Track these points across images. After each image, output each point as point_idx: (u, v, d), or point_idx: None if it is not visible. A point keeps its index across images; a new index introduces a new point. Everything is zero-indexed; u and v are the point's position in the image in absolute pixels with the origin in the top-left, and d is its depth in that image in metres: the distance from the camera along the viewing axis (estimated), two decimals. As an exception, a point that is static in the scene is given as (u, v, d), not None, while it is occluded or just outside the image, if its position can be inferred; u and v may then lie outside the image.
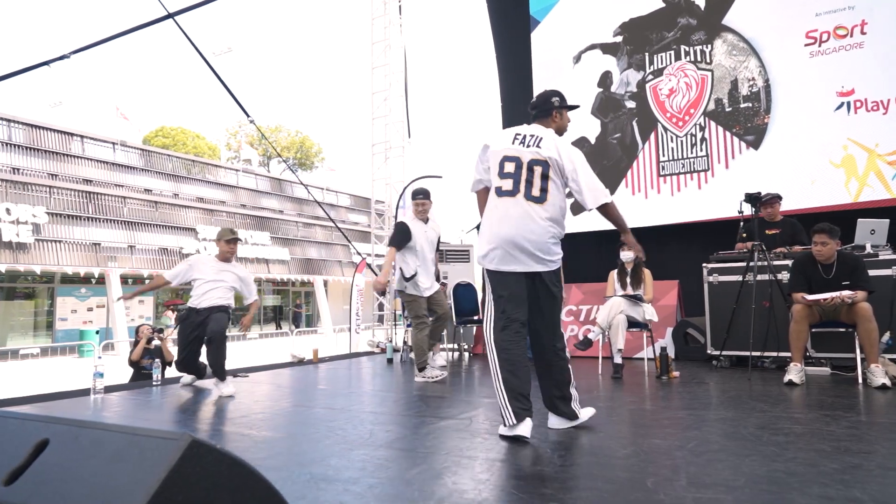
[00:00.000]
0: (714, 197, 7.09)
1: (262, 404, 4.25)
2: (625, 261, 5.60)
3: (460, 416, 3.58)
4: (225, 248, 5.13)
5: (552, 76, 8.45)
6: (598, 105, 8.05)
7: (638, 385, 4.78)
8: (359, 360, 7.54)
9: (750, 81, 7.02)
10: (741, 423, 3.20)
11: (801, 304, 4.57)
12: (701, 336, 6.10)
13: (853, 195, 6.36)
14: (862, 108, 6.39)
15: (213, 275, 5.02)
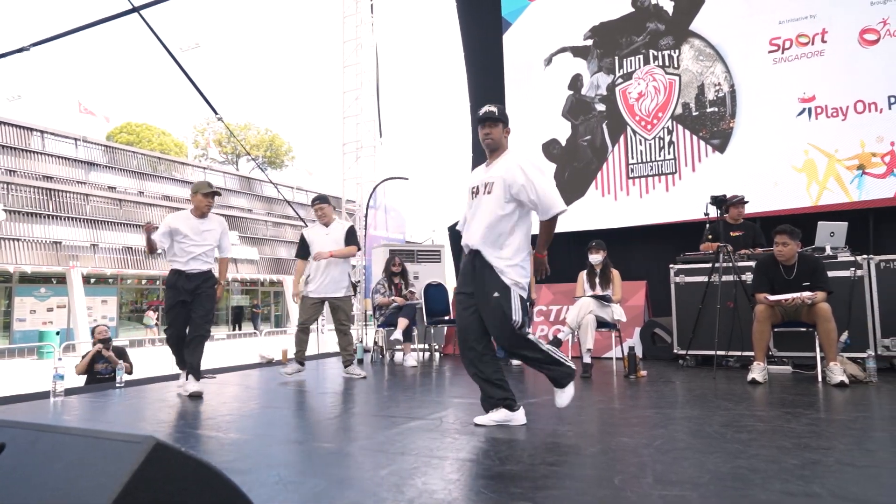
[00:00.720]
0: (681, 199, 7.22)
1: (229, 406, 4.19)
2: (593, 262, 5.67)
3: (430, 417, 3.57)
4: (202, 201, 4.85)
5: (524, 78, 8.51)
6: (568, 107, 8.13)
7: (607, 384, 4.83)
8: (329, 360, 7.48)
9: (716, 87, 7.17)
10: (706, 421, 3.26)
11: (764, 304, 4.68)
12: (668, 336, 6.20)
13: (814, 199, 6.54)
14: (822, 114, 6.57)
15: (194, 233, 4.80)
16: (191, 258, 4.76)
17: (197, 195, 4.87)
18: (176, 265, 4.78)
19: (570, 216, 7.96)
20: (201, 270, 4.80)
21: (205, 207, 4.88)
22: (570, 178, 8.03)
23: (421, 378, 5.50)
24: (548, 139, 8.23)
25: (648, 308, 6.89)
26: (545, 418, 3.50)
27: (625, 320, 5.59)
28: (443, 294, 7.60)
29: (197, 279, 4.77)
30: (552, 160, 8.18)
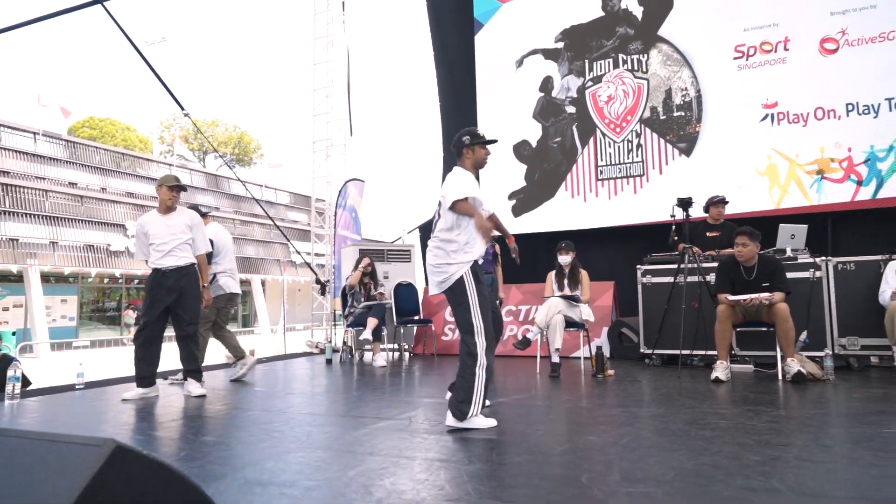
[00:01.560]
0: (649, 201, 7.34)
1: (195, 407, 4.11)
2: (562, 263, 5.72)
3: (399, 417, 3.56)
4: (167, 195, 4.71)
5: (495, 79, 8.55)
6: (539, 109, 8.19)
7: (575, 383, 4.88)
8: (297, 360, 7.41)
9: (683, 91, 7.30)
10: (671, 419, 3.32)
11: (725, 304, 4.78)
12: (635, 335, 6.28)
13: (775, 201, 6.71)
14: (784, 120, 6.75)
15: (161, 230, 4.66)
16: (163, 255, 4.63)
17: (162, 188, 4.73)
18: (153, 264, 4.66)
19: (539, 217, 8.03)
20: (178, 266, 4.63)
21: (169, 201, 4.72)
22: (540, 179, 8.09)
23: (390, 378, 5.48)
24: (519, 140, 8.28)
25: (616, 308, 6.98)
26: (514, 418, 3.52)
27: (593, 320, 5.64)
28: (413, 294, 7.59)
29: (175, 275, 4.61)
30: (523, 161, 8.23)
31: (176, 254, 4.65)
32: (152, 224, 4.71)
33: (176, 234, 4.69)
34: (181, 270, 4.64)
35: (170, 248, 4.64)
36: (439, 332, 7.57)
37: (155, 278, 4.61)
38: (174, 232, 4.69)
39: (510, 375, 5.68)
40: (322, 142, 10.07)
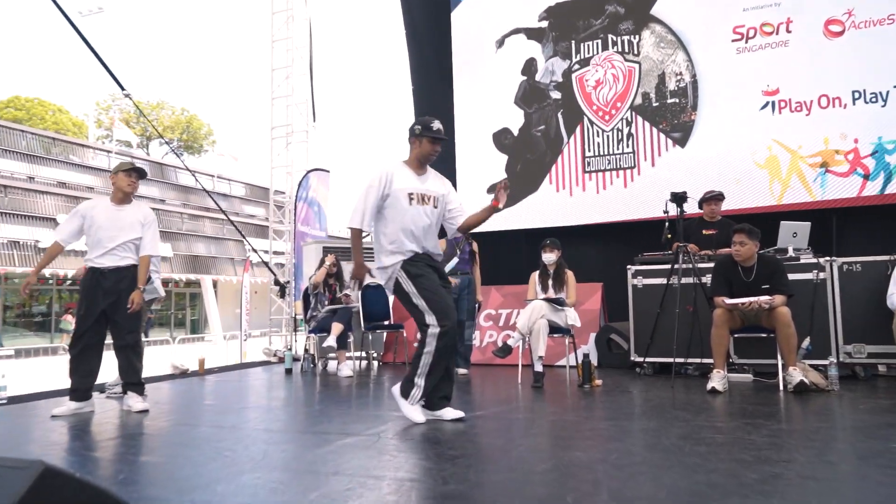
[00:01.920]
0: (640, 195, 7.41)
1: (136, 423, 4.04)
2: (547, 262, 5.74)
3: (367, 433, 3.54)
4: (124, 182, 4.56)
5: (472, 59, 8.55)
6: (521, 94, 8.22)
7: (559, 394, 4.90)
8: (253, 370, 7.33)
9: (677, 76, 7.38)
10: (664, 433, 3.34)
11: (722, 308, 4.85)
12: (625, 342, 6.33)
13: (777, 197, 6.83)
14: (786, 108, 6.87)
15: (109, 222, 4.51)
16: (104, 252, 4.48)
17: (119, 174, 4.59)
18: (89, 262, 4.51)
19: (521, 212, 8.05)
20: (119, 266, 4.50)
21: (127, 187, 4.57)
22: (522, 171, 8.12)
23: (357, 389, 5.45)
24: (499, 128, 8.29)
25: (604, 312, 7.03)
26: (493, 432, 3.52)
27: (579, 325, 5.68)
28: (382, 296, 7.55)
29: (114, 276, 4.47)
30: (503, 151, 8.25)
31: (118, 253, 4.52)
32: (101, 213, 4.54)
33: (125, 230, 4.55)
34: (121, 272, 4.51)
35: (114, 245, 4.50)
36: (411, 339, 7.54)
37: (92, 279, 4.48)
38: (123, 227, 4.55)
39: (489, 386, 5.68)
40: (281, 128, 9.98)
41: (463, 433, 3.48)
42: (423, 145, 3.82)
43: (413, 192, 3.78)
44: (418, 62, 9.40)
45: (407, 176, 3.81)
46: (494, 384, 5.75)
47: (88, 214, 4.54)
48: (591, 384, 5.14)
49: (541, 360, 5.27)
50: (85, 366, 4.47)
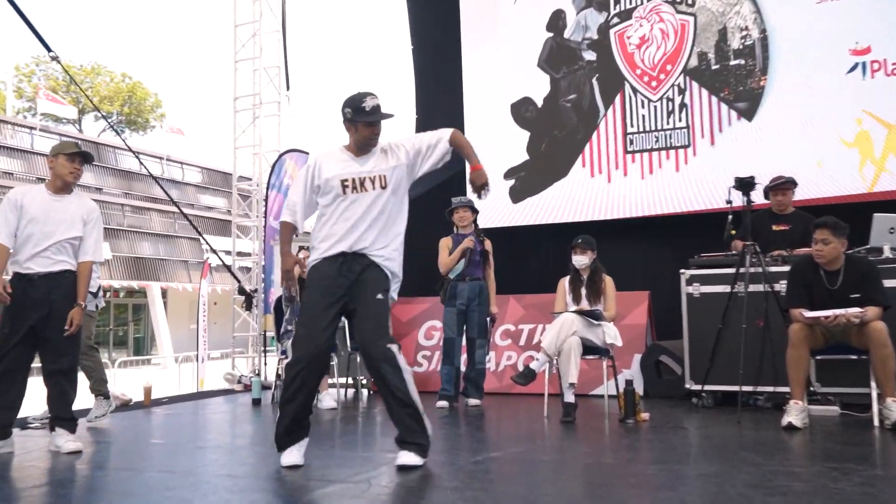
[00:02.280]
0: (696, 181, 7.38)
1: (64, 467, 4.04)
2: (578, 266, 5.71)
3: (354, 479, 3.53)
4: (65, 168, 4.53)
5: (483, 13, 8.53)
6: (546, 55, 8.19)
7: (595, 431, 4.87)
8: (212, 401, 7.32)
9: (743, 32, 7.35)
10: (728, 480, 3.31)
11: (801, 322, 4.81)
12: (677, 366, 6.30)
13: (868, 183, 6.78)
14: (880, 71, 6.82)
15: (45, 216, 4.46)
16: (35, 255, 4.42)
17: (59, 158, 4.55)
18: (15, 267, 4.45)
19: (547, 203, 8.03)
20: (52, 272, 4.45)
21: (69, 175, 4.56)
22: (548, 151, 8.10)
23: (342, 425, 5.44)
24: (518, 98, 8.27)
25: (652, 328, 7.01)
26: (512, 478, 3.50)
27: (620, 344, 5.65)
28: (373, 309, 7.54)
29: (45, 286, 4.42)
30: (524, 126, 8.24)
31: (51, 255, 4.46)
32: (35, 203, 4.49)
33: (62, 226, 4.50)
34: (54, 280, 4.46)
35: (48, 244, 4.45)
36: (410, 362, 7.49)
37: (18, 287, 4.40)
38: (61, 222, 4.50)
39: (507, 420, 5.66)
40: (247, 98, 9.97)
41: (475, 478, 3.47)
42: (360, 130, 3.93)
43: (348, 179, 3.90)
44: (420, 15, 9.39)
45: (340, 161, 3.96)
46: (514, 418, 5.72)
47: (19, 204, 4.47)
48: (635, 418, 5.10)
49: (572, 389, 5.24)
50: (5, 396, 4.43)
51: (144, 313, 30.91)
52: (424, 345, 7.59)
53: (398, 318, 7.81)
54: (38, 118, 32.30)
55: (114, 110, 40.14)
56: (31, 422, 5.46)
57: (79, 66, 39.57)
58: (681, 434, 4.68)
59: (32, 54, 38.81)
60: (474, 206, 6.39)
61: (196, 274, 29.37)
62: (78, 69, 38.92)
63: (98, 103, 37.54)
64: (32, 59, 38.49)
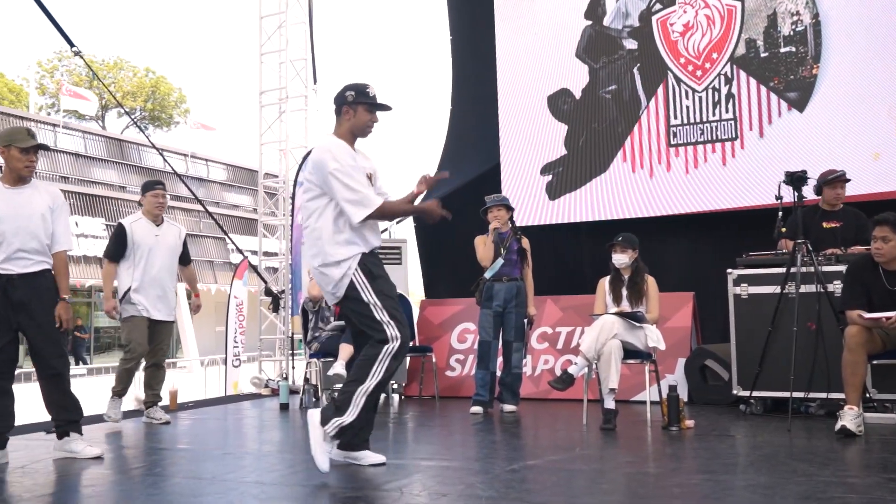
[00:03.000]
0: (744, 176, 7.31)
1: (91, 473, 4.12)
2: (618, 266, 5.69)
3: (386, 487, 3.56)
4: (19, 161, 4.38)
5: (519, 1, 8.51)
6: (585, 44, 8.17)
7: (637, 439, 4.86)
8: (239, 406, 7.41)
9: (793, 17, 7.27)
10: (778, 491, 3.29)
11: (858, 325, 4.76)
12: (724, 371, 6.26)
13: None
14: (942, 57, 6.70)
15: (12, 211, 4.35)
16: (8, 256, 4.32)
17: (10, 149, 4.38)
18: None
19: (586, 200, 8.01)
20: (29, 273, 4.37)
21: (23, 169, 4.41)
22: (587, 145, 8.07)
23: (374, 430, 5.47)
24: (555, 90, 8.25)
25: (697, 331, 6.97)
26: (550, 488, 3.51)
27: (663, 348, 5.63)
28: (404, 309, 7.57)
29: (24, 286, 4.35)
30: (561, 119, 8.22)
31: (27, 255, 4.38)
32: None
33: (30, 221, 4.40)
34: (33, 280, 4.40)
35: (20, 243, 4.35)
36: (442, 366, 7.56)
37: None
38: (27, 215, 4.39)
39: (544, 427, 5.66)
40: (273, 92, 10.06)
41: (511, 488, 3.48)
42: (359, 115, 4.00)
43: (370, 173, 3.99)
44: (458, 4, 9.42)
45: (353, 153, 4.00)
46: (551, 425, 5.71)
47: None
48: (679, 426, 5.08)
49: (613, 394, 5.23)
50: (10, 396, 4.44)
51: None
52: (457, 348, 7.60)
53: (430, 321, 7.85)
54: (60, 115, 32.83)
55: (137, 106, 40.68)
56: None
57: (101, 60, 40.17)
58: (728, 442, 4.65)
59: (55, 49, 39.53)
60: (509, 203, 6.40)
61: (222, 274, 29.69)
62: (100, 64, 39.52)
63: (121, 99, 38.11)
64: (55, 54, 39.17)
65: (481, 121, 8.93)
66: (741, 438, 4.80)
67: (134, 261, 5.90)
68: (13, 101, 36.31)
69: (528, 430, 5.46)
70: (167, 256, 6.09)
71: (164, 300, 6.07)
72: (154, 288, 5.97)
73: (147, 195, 6.08)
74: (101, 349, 29.67)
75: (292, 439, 5.26)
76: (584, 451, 4.48)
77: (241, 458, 4.55)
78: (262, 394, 8.41)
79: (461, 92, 9.43)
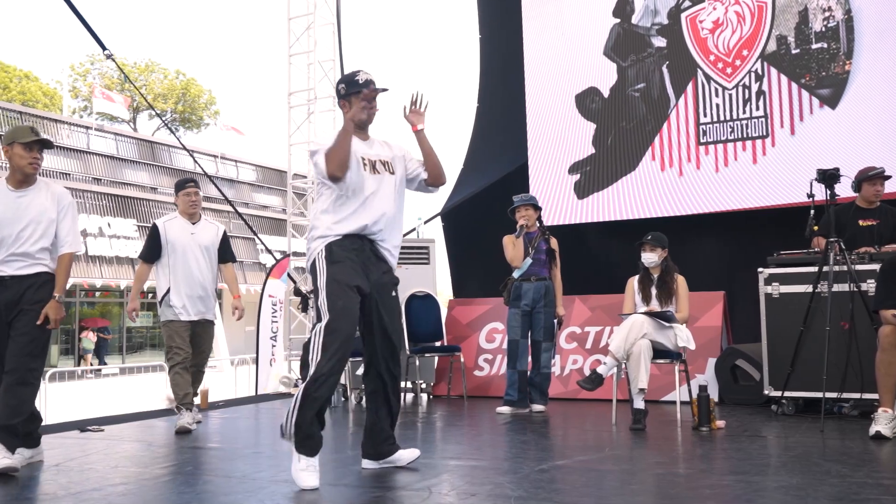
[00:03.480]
0: (775, 174, 7.26)
1: (122, 472, 4.17)
2: (648, 265, 5.67)
3: (415, 486, 3.57)
4: (23, 158, 4.25)
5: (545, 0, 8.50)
6: (613, 42, 8.14)
7: (667, 439, 4.84)
8: (269, 405, 7.46)
9: (825, 13, 7.19)
10: (811, 493, 3.27)
11: (892, 324, 4.70)
12: (755, 370, 6.22)
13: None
14: (977, 52, 6.60)
15: (13, 213, 4.24)
16: (3, 259, 4.22)
17: (14, 147, 4.25)
18: None
19: (615, 199, 7.98)
20: (25, 275, 4.24)
21: (27, 166, 4.27)
22: (616, 144, 8.05)
23: (401, 431, 5.49)
24: (583, 88, 8.23)
25: (727, 331, 6.92)
26: (579, 488, 3.50)
27: (693, 348, 5.60)
28: (433, 309, 7.60)
29: (17, 287, 4.22)
30: (589, 118, 8.20)
31: (21, 258, 4.25)
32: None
33: (35, 222, 4.28)
34: (28, 281, 4.26)
35: (22, 245, 4.25)
36: (471, 365, 7.57)
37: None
38: (32, 218, 4.28)
39: (573, 427, 5.64)
40: (301, 93, 10.12)
41: (540, 488, 3.47)
42: (354, 105, 3.95)
43: (365, 158, 3.94)
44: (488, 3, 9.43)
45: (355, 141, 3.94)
46: (580, 425, 5.70)
47: None
48: (710, 426, 5.06)
49: (642, 394, 5.22)
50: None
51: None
52: (486, 348, 7.61)
53: (458, 320, 7.86)
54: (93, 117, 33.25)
55: (168, 108, 41.10)
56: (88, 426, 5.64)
57: (133, 63, 40.65)
58: (759, 443, 4.61)
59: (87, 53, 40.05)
60: (537, 203, 6.39)
61: (252, 275, 29.92)
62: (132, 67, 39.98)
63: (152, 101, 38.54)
64: (87, 57, 39.72)
65: (508, 120, 8.94)
66: (773, 439, 4.76)
67: (169, 261, 5.74)
68: (47, 105, 36.86)
69: (556, 430, 5.45)
70: (204, 255, 5.88)
71: (203, 301, 5.84)
72: (191, 287, 5.74)
73: (180, 195, 6.01)
74: (133, 349, 30.07)
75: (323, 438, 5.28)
76: (614, 452, 4.47)
77: (271, 457, 4.58)
78: (291, 393, 8.46)
79: (488, 90, 9.45)
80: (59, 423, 6.06)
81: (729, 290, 6.98)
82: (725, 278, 7.14)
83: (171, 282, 5.71)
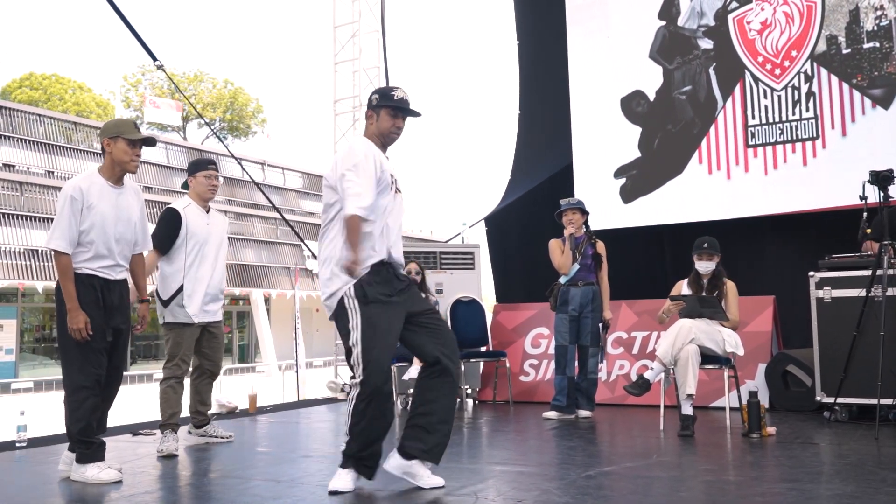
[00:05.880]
0: (826, 176, 7.15)
1: (172, 474, 4.24)
2: (702, 272, 5.61)
3: (461, 492, 3.57)
4: (126, 154, 4.08)
5: (591, 3, 8.48)
6: (659, 45, 8.09)
7: (716, 446, 4.78)
8: (315, 409, 7.53)
9: (877, 11, 7.08)
10: (865, 501, 3.22)
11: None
12: (807, 376, 6.14)
13: None
14: None
15: (115, 212, 4.12)
16: (107, 256, 4.10)
17: (118, 141, 4.09)
18: (86, 267, 4.04)
19: (661, 202, 7.92)
20: (120, 279, 4.22)
21: (129, 164, 4.13)
22: (662, 147, 7.99)
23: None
24: (629, 91, 8.18)
25: (778, 336, 6.85)
26: (627, 495, 3.48)
27: (742, 353, 5.53)
28: (478, 315, 7.60)
29: (118, 292, 4.19)
30: (635, 122, 8.15)
31: (126, 259, 4.23)
32: (98, 196, 4.08)
33: (132, 223, 4.22)
34: (121, 286, 4.24)
35: (124, 248, 4.19)
36: (516, 370, 7.56)
37: (93, 291, 4.05)
38: (129, 217, 4.20)
39: (620, 433, 5.60)
40: (347, 101, 10.22)
41: (587, 494, 3.45)
42: (382, 119, 3.79)
43: (395, 178, 3.78)
44: (526, 9, 9.42)
45: (376, 154, 3.72)
46: (627, 431, 5.66)
47: (85, 199, 4.03)
48: (760, 433, 4.99)
49: (690, 400, 5.17)
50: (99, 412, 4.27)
51: (248, 320, 31.93)
52: (531, 353, 7.59)
53: (503, 326, 7.85)
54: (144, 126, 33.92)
55: (216, 116, 41.76)
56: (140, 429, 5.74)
57: (182, 73, 41.43)
58: (811, 450, 4.54)
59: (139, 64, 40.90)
60: (584, 207, 6.37)
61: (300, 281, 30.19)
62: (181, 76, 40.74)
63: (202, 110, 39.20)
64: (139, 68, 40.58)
65: (551, 124, 8.93)
66: (826, 446, 4.69)
67: (185, 255, 5.02)
68: (100, 115, 37.71)
69: (603, 436, 5.41)
70: (218, 249, 5.26)
71: (216, 301, 5.25)
72: (208, 286, 5.12)
73: (198, 175, 5.21)
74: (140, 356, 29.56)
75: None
76: (662, 458, 4.43)
77: (318, 461, 4.62)
78: (337, 398, 8.53)
79: (530, 95, 9.46)
80: (112, 427, 6.17)
81: (779, 295, 6.89)
82: (775, 283, 7.05)
83: (188, 278, 5.02)
